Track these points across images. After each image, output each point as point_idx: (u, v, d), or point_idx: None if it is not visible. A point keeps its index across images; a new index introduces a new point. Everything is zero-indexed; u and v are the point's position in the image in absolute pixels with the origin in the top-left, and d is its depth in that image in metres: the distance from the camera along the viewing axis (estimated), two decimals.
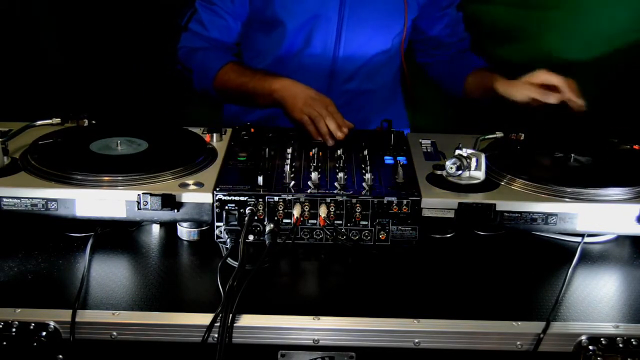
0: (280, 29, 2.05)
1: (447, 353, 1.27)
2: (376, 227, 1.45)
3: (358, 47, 2.07)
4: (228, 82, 1.99)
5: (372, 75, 2.15)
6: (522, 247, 1.54)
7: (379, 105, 2.20)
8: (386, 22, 2.07)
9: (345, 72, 2.11)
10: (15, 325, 1.24)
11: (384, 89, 2.21)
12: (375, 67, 2.14)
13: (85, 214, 1.45)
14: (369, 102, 2.17)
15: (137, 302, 1.31)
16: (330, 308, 1.30)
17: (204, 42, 2.06)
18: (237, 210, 1.43)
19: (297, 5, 2.01)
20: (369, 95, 2.17)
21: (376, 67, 2.14)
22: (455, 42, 2.20)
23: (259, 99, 1.93)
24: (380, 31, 2.08)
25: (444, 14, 2.15)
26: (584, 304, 1.34)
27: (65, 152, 1.58)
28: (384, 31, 2.09)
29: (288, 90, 1.83)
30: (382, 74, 2.17)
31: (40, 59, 2.48)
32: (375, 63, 2.13)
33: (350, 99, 2.13)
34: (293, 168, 1.54)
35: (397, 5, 2.05)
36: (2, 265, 1.42)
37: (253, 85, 1.92)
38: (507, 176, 1.52)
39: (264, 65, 2.09)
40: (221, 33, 2.06)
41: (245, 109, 2.17)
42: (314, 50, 2.06)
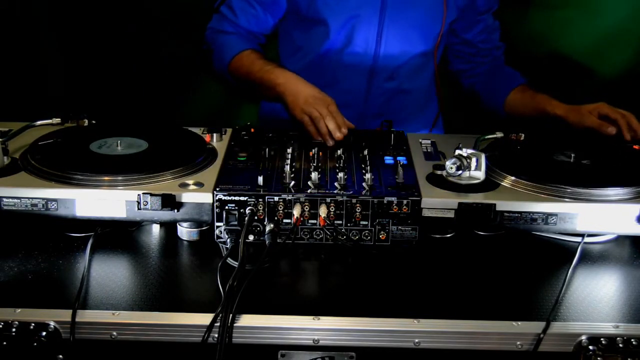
0: (321, 27, 2.05)
1: (447, 353, 1.27)
2: (376, 227, 1.45)
3: (398, 47, 2.07)
4: (240, 68, 2.00)
5: (411, 76, 2.14)
6: (522, 247, 1.54)
7: (417, 106, 2.20)
8: (426, 23, 2.07)
9: (385, 71, 2.10)
10: (15, 325, 1.24)
11: (422, 90, 2.21)
12: (415, 68, 2.13)
13: (85, 214, 1.45)
14: (407, 103, 2.17)
15: (137, 302, 1.31)
16: (330, 308, 1.30)
17: (232, 27, 2.07)
18: (237, 210, 1.43)
19: (340, 4, 2.01)
20: (408, 96, 2.17)
21: (415, 68, 2.13)
22: (490, 48, 2.19)
23: (263, 90, 1.94)
24: (420, 32, 2.08)
25: (480, 19, 2.15)
26: (584, 304, 1.34)
27: (65, 152, 1.58)
28: (424, 32, 2.08)
29: (290, 86, 1.84)
30: (420, 75, 2.17)
31: (40, 59, 2.48)
32: (415, 64, 2.12)
33: (389, 98, 2.13)
34: (293, 168, 1.54)
35: (438, 7, 2.05)
36: (2, 265, 1.42)
37: (260, 75, 1.93)
38: (507, 176, 1.52)
39: (304, 62, 2.10)
40: (249, 22, 2.07)
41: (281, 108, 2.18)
42: (355, 49, 2.07)
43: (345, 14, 2.02)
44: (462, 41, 2.19)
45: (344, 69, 2.09)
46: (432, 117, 2.29)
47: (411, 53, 2.10)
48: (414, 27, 2.06)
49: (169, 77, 2.50)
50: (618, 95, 2.21)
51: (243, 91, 2.19)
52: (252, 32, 2.09)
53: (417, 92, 2.19)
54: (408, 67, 2.12)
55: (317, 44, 2.09)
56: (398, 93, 2.15)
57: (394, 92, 2.15)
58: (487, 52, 2.20)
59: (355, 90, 2.03)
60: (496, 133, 1.75)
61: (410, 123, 2.14)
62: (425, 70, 2.17)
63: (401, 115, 2.13)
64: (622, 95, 2.22)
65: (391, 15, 2.03)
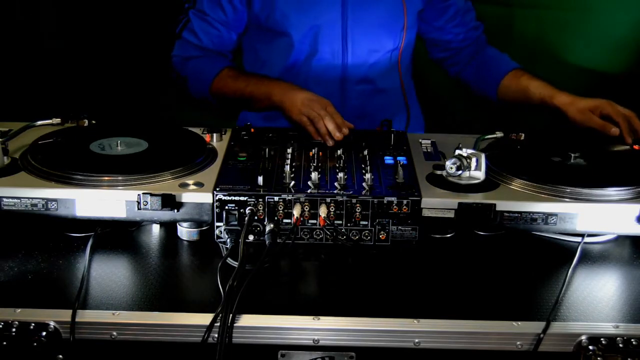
0: (285, 39, 2.04)
1: (447, 353, 1.27)
2: (376, 227, 1.45)
3: (366, 48, 2.06)
4: (225, 87, 1.99)
5: (385, 75, 2.13)
6: (522, 247, 1.54)
7: (397, 104, 2.18)
8: (390, 20, 2.05)
9: (357, 75, 2.09)
10: (15, 325, 1.24)
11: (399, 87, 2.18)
12: (387, 67, 2.12)
13: (85, 214, 1.45)
14: (385, 102, 2.15)
15: (137, 302, 1.31)
16: (330, 308, 1.30)
17: (197, 51, 2.05)
18: (237, 210, 1.43)
19: (299, 14, 2.00)
20: (385, 95, 2.15)
21: (388, 66, 2.12)
22: (466, 31, 2.15)
23: (256, 103, 1.93)
24: (385, 29, 2.06)
25: (449, 3, 2.12)
26: (584, 304, 1.34)
27: (65, 152, 1.58)
28: (389, 29, 2.07)
29: (286, 94, 1.83)
30: (395, 72, 2.14)
31: (41, 59, 2.48)
32: (386, 62, 2.11)
33: (366, 100, 2.12)
34: (293, 168, 1.54)
35: (398, 1, 2.04)
36: (2, 265, 1.42)
37: (250, 90, 1.92)
38: (507, 176, 1.52)
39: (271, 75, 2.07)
40: (214, 43, 2.06)
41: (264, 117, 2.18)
42: (322, 57, 2.05)
43: (305, 24, 2.01)
44: (434, 29, 2.16)
45: (313, 79, 2.07)
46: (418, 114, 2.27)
47: (380, 52, 2.08)
48: (378, 26, 2.04)
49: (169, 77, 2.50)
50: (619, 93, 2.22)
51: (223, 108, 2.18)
52: (219, 52, 2.08)
53: (395, 90, 2.16)
54: (379, 67, 2.10)
55: (282, 57, 2.07)
56: (374, 93, 2.13)
57: (370, 93, 2.12)
58: (464, 35, 2.15)
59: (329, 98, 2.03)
60: (496, 133, 1.75)
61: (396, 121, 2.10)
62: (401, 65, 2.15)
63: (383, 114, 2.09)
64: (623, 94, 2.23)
65: (353, 17, 2.01)
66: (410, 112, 2.19)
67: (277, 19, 2.01)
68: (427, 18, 2.15)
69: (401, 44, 2.10)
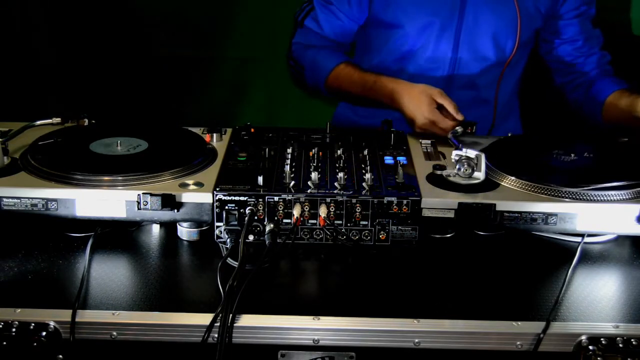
0: (398, 30, 2.04)
1: (447, 353, 1.27)
2: (376, 227, 1.45)
3: (476, 54, 2.04)
4: (338, 83, 2.01)
5: (489, 86, 2.10)
6: (522, 247, 1.54)
7: (498, 116, 2.14)
8: (506, 31, 2.03)
9: (463, 79, 2.08)
10: (15, 325, 1.24)
11: (503, 100, 2.16)
12: (493, 78, 2.09)
13: (85, 214, 1.45)
14: (486, 113, 2.11)
15: (137, 302, 1.31)
16: (330, 308, 1.30)
17: (319, 40, 2.07)
18: (237, 210, 1.43)
19: (417, 9, 2.00)
20: (487, 106, 2.12)
21: (494, 77, 2.09)
22: (587, 55, 2.10)
23: (376, 98, 1.93)
24: (498, 40, 2.04)
25: (570, 22, 2.08)
26: (584, 304, 1.34)
27: (65, 152, 1.58)
28: (502, 40, 2.04)
29: (406, 91, 1.83)
30: (502, 84, 2.11)
31: (41, 59, 2.48)
32: (495, 73, 2.08)
33: (466, 107, 2.09)
34: (293, 168, 1.54)
35: (515, 16, 2.00)
36: (2, 265, 1.42)
37: (369, 87, 1.93)
38: (507, 176, 1.52)
39: (382, 67, 2.08)
40: (336, 33, 2.07)
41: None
42: (432, 55, 2.05)
43: (422, 19, 2.01)
44: (554, 48, 2.12)
45: (420, 74, 2.06)
46: (516, 125, 2.24)
47: (488, 61, 2.06)
48: (492, 35, 2.02)
49: (168, 77, 2.50)
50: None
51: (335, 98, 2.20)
52: (339, 42, 2.09)
53: (499, 100, 2.13)
54: (488, 76, 2.08)
55: (394, 48, 2.07)
56: (477, 102, 2.10)
57: (472, 101, 2.09)
58: (584, 59, 2.10)
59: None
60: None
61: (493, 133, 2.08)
62: (508, 78, 2.12)
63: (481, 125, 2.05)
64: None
65: (469, 20, 2.00)
66: (493, 129, 2.14)
67: (395, 10, 2.01)
68: (547, 36, 2.12)
69: (510, 57, 2.06)
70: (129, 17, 2.49)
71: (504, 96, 2.15)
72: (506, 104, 2.19)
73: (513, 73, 2.14)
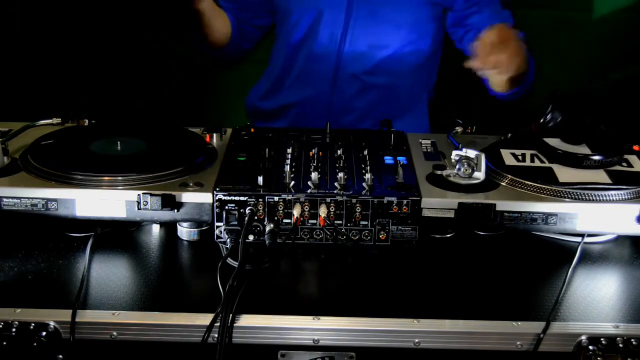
0: (290, 17, 2.08)
1: (447, 353, 1.27)
2: (376, 227, 1.45)
3: (367, 42, 2.05)
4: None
5: (384, 73, 2.10)
6: (522, 247, 1.54)
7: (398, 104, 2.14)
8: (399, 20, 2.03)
9: (351, 67, 2.08)
10: (15, 325, 1.24)
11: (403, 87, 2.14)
12: (388, 65, 2.09)
13: (85, 214, 1.45)
14: (379, 100, 2.12)
15: (137, 302, 1.31)
16: (330, 308, 1.30)
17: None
18: (237, 210, 1.43)
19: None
20: (379, 92, 2.12)
21: (389, 64, 2.09)
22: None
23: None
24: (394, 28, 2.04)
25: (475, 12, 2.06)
26: (584, 304, 1.34)
27: (65, 152, 1.58)
28: (399, 28, 2.05)
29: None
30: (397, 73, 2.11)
31: (41, 59, 2.48)
32: (388, 61, 2.08)
33: (356, 93, 2.10)
34: (293, 168, 1.54)
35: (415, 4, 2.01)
36: (2, 265, 1.42)
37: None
38: (507, 176, 1.52)
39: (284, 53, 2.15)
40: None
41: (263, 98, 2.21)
42: (320, 41, 2.07)
43: (308, 4, 2.04)
44: (461, 37, 2.11)
45: (309, 62, 2.09)
46: (422, 116, 2.22)
47: (383, 49, 2.06)
48: (385, 22, 2.03)
49: (168, 77, 2.50)
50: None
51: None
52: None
53: (393, 89, 2.13)
54: (380, 64, 2.08)
55: (287, 35, 2.12)
56: (367, 89, 2.11)
57: (362, 89, 2.10)
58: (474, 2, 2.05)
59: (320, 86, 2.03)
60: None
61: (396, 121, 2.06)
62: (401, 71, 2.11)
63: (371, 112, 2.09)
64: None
65: (359, 8, 2.01)
66: (406, 116, 2.15)
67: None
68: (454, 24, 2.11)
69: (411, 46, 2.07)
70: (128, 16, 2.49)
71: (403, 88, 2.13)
72: (407, 97, 2.16)
73: (412, 60, 2.11)
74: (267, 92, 2.21)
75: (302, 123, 1.95)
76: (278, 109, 2.17)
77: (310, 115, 2.13)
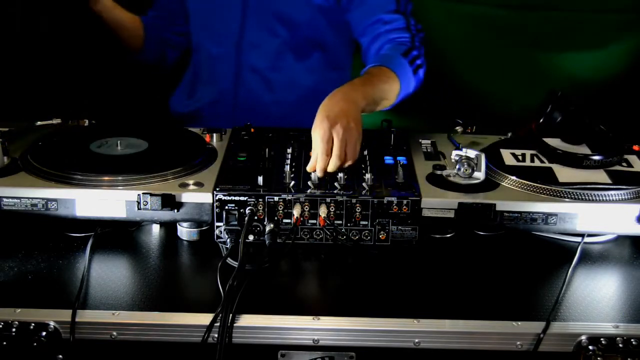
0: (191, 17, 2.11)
1: (447, 353, 1.27)
2: (376, 227, 1.45)
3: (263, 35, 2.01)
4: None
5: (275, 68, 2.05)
6: (522, 247, 1.54)
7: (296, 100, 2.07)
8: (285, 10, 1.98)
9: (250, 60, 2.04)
10: (15, 325, 1.24)
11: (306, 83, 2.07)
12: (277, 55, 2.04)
13: (85, 214, 1.45)
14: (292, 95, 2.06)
15: (137, 302, 1.31)
16: (330, 308, 1.30)
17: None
18: (237, 210, 1.43)
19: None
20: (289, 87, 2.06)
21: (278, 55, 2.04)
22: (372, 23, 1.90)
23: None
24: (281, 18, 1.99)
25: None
26: (584, 304, 1.34)
27: (65, 152, 1.58)
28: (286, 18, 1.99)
29: None
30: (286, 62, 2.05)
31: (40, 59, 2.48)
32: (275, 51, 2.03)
33: (260, 88, 2.06)
34: (293, 168, 1.54)
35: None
36: (2, 265, 1.42)
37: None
38: (507, 176, 1.52)
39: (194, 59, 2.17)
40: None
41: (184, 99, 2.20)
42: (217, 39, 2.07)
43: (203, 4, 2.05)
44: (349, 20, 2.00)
45: (211, 60, 2.08)
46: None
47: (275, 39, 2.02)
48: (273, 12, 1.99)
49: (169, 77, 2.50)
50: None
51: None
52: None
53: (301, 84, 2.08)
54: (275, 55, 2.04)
55: (194, 37, 2.13)
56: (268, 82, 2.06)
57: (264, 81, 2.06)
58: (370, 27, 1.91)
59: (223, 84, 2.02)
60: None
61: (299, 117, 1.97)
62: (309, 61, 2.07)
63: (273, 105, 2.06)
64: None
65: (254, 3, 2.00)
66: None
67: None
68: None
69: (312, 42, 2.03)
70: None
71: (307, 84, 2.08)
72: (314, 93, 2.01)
73: (316, 59, 2.06)
74: (183, 96, 2.18)
75: (215, 124, 1.91)
76: (193, 112, 2.14)
77: (221, 116, 2.08)
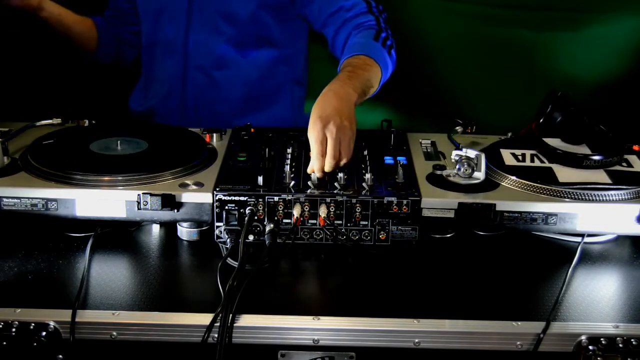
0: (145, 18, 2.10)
1: (447, 353, 1.27)
2: (376, 227, 1.45)
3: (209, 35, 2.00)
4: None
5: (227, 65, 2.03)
6: (522, 247, 1.54)
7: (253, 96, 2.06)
8: (231, 11, 1.98)
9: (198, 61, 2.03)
10: (15, 325, 1.24)
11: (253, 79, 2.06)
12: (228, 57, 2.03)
13: (85, 214, 1.45)
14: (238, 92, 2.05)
15: (137, 302, 1.31)
16: (330, 308, 1.30)
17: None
18: (237, 210, 1.43)
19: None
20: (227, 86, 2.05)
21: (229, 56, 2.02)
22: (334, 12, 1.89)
23: None
24: (227, 18, 1.98)
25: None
26: (584, 304, 1.34)
27: (65, 152, 1.58)
28: (231, 19, 1.98)
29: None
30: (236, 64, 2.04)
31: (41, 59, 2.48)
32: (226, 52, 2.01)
33: (206, 88, 2.05)
34: (293, 168, 1.54)
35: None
36: (2, 265, 1.42)
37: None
38: (507, 176, 1.52)
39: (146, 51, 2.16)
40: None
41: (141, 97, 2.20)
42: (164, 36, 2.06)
43: (149, 4, 2.04)
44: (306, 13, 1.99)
45: (160, 59, 2.08)
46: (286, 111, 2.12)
47: (221, 39, 2.01)
48: (219, 13, 1.98)
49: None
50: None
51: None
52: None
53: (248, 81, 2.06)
54: (223, 56, 2.02)
55: (144, 37, 2.12)
56: (215, 83, 2.05)
57: (211, 83, 2.05)
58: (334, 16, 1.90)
59: (172, 84, 2.01)
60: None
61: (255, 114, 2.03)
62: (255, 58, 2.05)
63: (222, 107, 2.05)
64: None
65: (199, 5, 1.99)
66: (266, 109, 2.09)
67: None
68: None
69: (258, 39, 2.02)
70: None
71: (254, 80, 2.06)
72: (261, 90, 2.08)
73: (263, 56, 2.05)
74: (139, 94, 2.18)
75: (166, 122, 1.89)
76: (147, 110, 2.13)
77: (171, 115, 2.08)
